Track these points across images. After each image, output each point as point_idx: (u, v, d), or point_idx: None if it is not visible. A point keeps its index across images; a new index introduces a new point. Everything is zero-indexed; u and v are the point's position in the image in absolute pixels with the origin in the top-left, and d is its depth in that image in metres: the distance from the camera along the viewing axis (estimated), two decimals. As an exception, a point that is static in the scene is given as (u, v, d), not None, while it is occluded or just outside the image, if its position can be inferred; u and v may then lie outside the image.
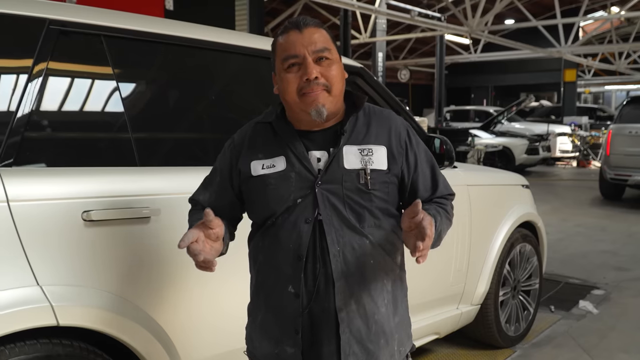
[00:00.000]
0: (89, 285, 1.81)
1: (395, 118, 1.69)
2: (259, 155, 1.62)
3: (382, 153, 1.60)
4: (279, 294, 1.60)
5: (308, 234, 1.55)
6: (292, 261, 1.56)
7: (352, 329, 1.57)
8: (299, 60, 1.54)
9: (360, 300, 1.57)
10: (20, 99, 1.79)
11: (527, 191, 4.08)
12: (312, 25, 1.57)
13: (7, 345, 1.64)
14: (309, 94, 1.54)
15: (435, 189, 1.69)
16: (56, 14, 1.92)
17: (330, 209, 1.55)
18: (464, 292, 3.44)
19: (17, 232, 1.68)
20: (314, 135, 1.61)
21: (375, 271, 1.60)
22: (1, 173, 1.70)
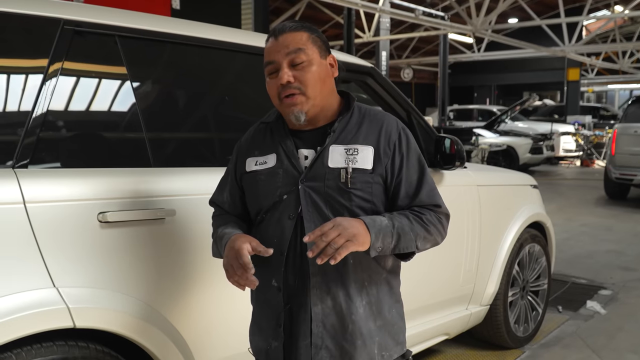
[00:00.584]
0: (105, 287, 1.81)
1: (389, 120, 1.69)
2: (255, 152, 1.71)
3: (368, 153, 1.62)
4: (265, 288, 1.65)
5: (290, 229, 1.61)
6: (275, 256, 1.60)
7: (326, 324, 1.61)
8: (276, 66, 1.60)
9: (336, 298, 1.61)
10: (35, 99, 1.78)
11: (535, 191, 4.07)
12: (288, 30, 1.61)
13: (24, 347, 1.63)
14: (286, 99, 1.60)
15: (416, 197, 1.65)
16: (71, 14, 1.91)
17: (311, 205, 1.59)
18: (474, 293, 3.43)
19: (34, 233, 1.67)
20: (304, 134, 1.67)
21: (355, 271, 1.62)
22: (17, 174, 1.69)
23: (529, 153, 14.11)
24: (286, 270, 1.63)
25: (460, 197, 3.24)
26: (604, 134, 16.77)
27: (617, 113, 22.55)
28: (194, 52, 2.25)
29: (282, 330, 1.64)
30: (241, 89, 2.47)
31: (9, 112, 1.77)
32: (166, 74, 2.21)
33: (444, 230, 1.69)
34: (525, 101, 14.89)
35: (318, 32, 1.68)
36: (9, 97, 1.77)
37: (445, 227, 1.69)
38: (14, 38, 1.82)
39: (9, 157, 1.71)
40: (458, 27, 15.26)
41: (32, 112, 1.77)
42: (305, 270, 1.60)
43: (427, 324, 3.11)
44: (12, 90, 1.78)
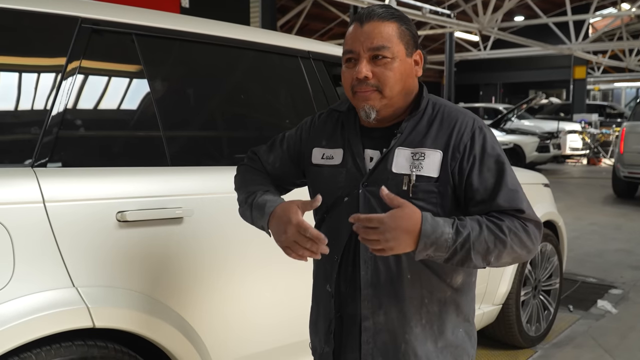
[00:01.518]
0: (123, 286, 1.80)
1: (463, 119, 1.50)
2: (323, 142, 1.61)
3: (436, 158, 1.45)
4: (321, 291, 1.60)
5: (346, 235, 1.50)
6: (330, 260, 1.53)
7: (377, 341, 1.49)
8: (355, 56, 1.46)
9: (389, 314, 1.48)
10: (54, 98, 1.78)
11: (547, 190, 4.05)
12: (376, 18, 1.45)
13: (44, 347, 1.63)
14: (359, 93, 1.46)
15: (492, 202, 1.42)
16: (88, 13, 1.91)
17: (369, 211, 1.43)
18: (486, 292, 3.41)
19: (53, 232, 1.67)
20: (374, 133, 1.54)
21: (413, 286, 1.47)
22: (37, 173, 1.68)
23: (535, 151, 14.07)
24: (338, 277, 1.53)
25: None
26: (611, 132, 16.71)
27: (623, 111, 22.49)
28: (211, 51, 2.24)
29: (332, 337, 1.56)
30: (259, 88, 2.45)
31: (27, 110, 1.77)
32: (183, 72, 2.20)
33: (532, 240, 1.41)
34: (532, 99, 14.86)
35: (409, 22, 1.50)
36: (28, 95, 1.76)
37: (533, 237, 1.42)
38: (32, 36, 1.82)
39: (28, 156, 1.71)
40: (465, 25, 15.21)
41: (50, 110, 1.76)
42: (357, 280, 1.49)
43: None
44: (31, 88, 1.77)
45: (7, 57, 1.78)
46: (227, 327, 2.06)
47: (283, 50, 2.45)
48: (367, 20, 1.45)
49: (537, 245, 1.44)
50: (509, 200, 1.42)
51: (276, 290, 2.20)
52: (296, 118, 2.43)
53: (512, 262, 1.44)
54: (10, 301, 1.57)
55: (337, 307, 1.54)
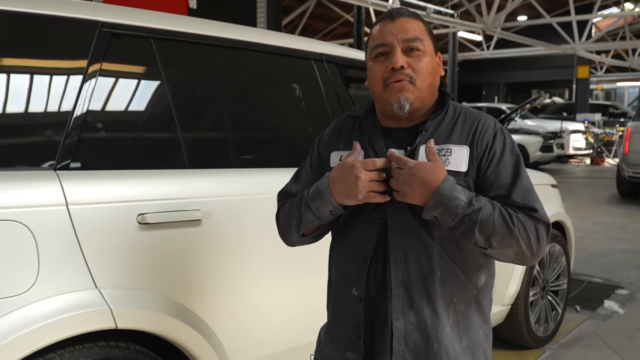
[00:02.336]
0: (143, 288, 1.82)
1: (485, 119, 1.54)
2: (340, 145, 1.59)
3: (463, 154, 1.47)
4: (345, 296, 1.55)
5: (375, 235, 1.48)
6: (357, 262, 1.51)
7: (409, 342, 1.46)
8: (387, 49, 1.47)
9: (421, 314, 1.46)
10: (75, 101, 1.80)
11: (555, 190, 4.06)
12: (406, 15, 1.50)
13: (67, 348, 1.65)
14: (393, 85, 1.46)
15: (507, 198, 1.44)
16: (108, 17, 1.93)
17: (398, 211, 1.46)
18: (495, 293, 3.42)
19: (76, 234, 1.69)
20: (397, 132, 1.54)
21: (443, 284, 1.46)
22: (60, 176, 1.70)
23: (539, 151, 14.08)
24: (368, 279, 1.50)
25: (483, 197, 3.24)
26: (614, 132, 16.72)
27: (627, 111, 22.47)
28: (226, 53, 2.26)
29: (362, 343, 1.50)
30: (273, 90, 2.47)
31: (50, 113, 1.79)
32: (199, 74, 2.22)
33: (539, 242, 1.43)
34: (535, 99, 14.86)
35: (430, 26, 1.58)
36: (50, 98, 1.78)
37: (541, 238, 1.43)
38: (55, 40, 1.84)
39: (51, 159, 1.73)
40: (468, 25, 15.22)
41: (72, 113, 1.79)
42: (387, 281, 1.47)
43: (451, 324, 3.11)
44: (53, 91, 1.79)
45: (31, 61, 1.81)
46: (244, 328, 2.08)
47: (297, 53, 2.47)
48: (398, 16, 1.50)
49: (542, 248, 1.45)
50: (523, 197, 1.45)
51: (294, 290, 2.22)
52: (310, 120, 2.45)
53: (514, 258, 1.44)
54: (36, 303, 1.59)
55: (366, 310, 1.51)
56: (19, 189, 1.62)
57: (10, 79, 1.76)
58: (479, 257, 1.50)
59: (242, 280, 2.04)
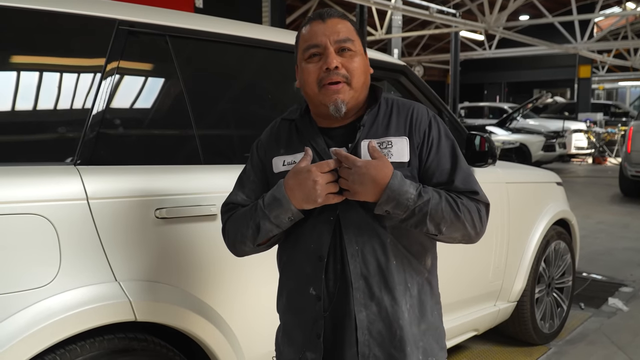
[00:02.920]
0: (161, 281, 1.85)
1: (418, 108, 1.58)
2: (281, 150, 1.59)
3: (403, 144, 1.52)
4: (300, 295, 1.55)
5: (329, 233, 1.50)
6: (313, 261, 1.52)
7: (373, 331, 1.50)
8: (320, 50, 1.49)
9: (381, 303, 1.50)
10: (94, 98, 1.83)
11: (560, 188, 4.09)
12: (336, 16, 1.53)
13: (88, 340, 1.68)
14: (328, 86, 1.48)
15: (449, 184, 1.51)
16: (125, 15, 1.96)
17: (349, 206, 1.48)
18: (502, 289, 3.46)
19: (96, 228, 1.72)
20: (335, 131, 1.56)
21: (399, 273, 1.52)
22: (80, 171, 1.74)
23: (541, 150, 14.11)
24: (326, 277, 1.51)
25: (489, 194, 3.23)
26: (616, 131, 16.74)
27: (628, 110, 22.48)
28: (241, 51, 2.29)
29: (321, 342, 1.52)
30: (287, 88, 2.50)
31: (70, 110, 1.82)
32: (214, 72, 2.25)
33: (481, 222, 1.51)
34: (537, 99, 14.89)
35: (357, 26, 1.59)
36: (70, 95, 1.81)
37: (483, 218, 1.52)
38: (74, 38, 1.87)
39: (71, 154, 1.76)
40: (471, 25, 15.23)
41: (91, 110, 1.82)
42: (346, 275, 1.49)
43: (458, 320, 3.14)
44: (73, 89, 1.82)
45: (51, 58, 1.84)
46: (259, 322, 2.10)
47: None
48: (329, 17, 1.52)
49: (484, 227, 1.53)
50: (465, 182, 1.52)
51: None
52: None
53: (460, 239, 1.52)
54: (58, 295, 1.62)
55: (325, 308, 1.51)
56: (41, 183, 1.66)
57: (30, 76, 1.79)
58: (425, 241, 1.57)
59: (257, 274, 2.06)
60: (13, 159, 1.69)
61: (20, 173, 1.64)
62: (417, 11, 13.26)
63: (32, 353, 1.56)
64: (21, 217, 1.59)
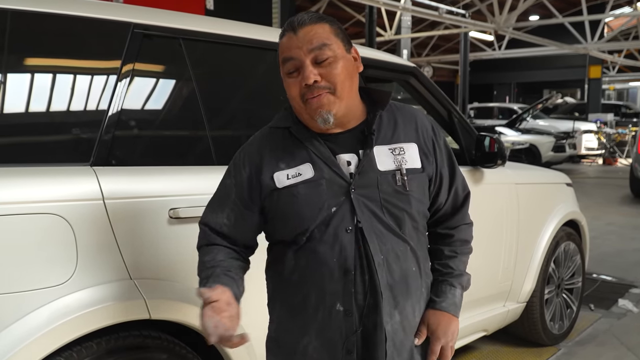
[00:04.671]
0: (176, 280, 1.88)
1: (419, 113, 1.58)
2: (281, 165, 1.48)
3: (414, 151, 1.51)
4: (323, 314, 1.46)
5: (352, 244, 1.43)
6: (338, 276, 1.43)
7: (396, 342, 1.47)
8: (297, 63, 1.42)
9: (403, 311, 1.48)
10: (110, 99, 1.86)
11: (570, 189, 4.09)
12: (308, 23, 1.43)
13: (104, 337, 1.71)
14: (311, 101, 1.42)
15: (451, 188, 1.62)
16: (139, 18, 1.99)
17: (369, 214, 1.43)
18: (511, 290, 3.47)
19: (112, 228, 1.75)
20: (338, 137, 1.49)
21: (417, 279, 1.52)
22: (96, 172, 1.77)
23: (551, 151, 14.06)
24: (355, 290, 1.44)
25: (499, 194, 3.29)
26: (627, 132, 16.65)
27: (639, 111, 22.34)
28: (253, 53, 2.32)
29: (354, 358, 1.45)
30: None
31: (86, 111, 1.86)
32: (227, 74, 2.28)
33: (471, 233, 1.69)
34: (547, 99, 14.84)
35: (338, 23, 1.50)
36: (87, 97, 1.85)
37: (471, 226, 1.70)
38: (90, 41, 1.91)
39: (87, 155, 1.79)
40: (480, 25, 15.22)
41: (107, 111, 1.85)
42: (375, 287, 1.43)
43: (467, 321, 3.15)
44: (89, 91, 1.86)
45: (68, 61, 1.88)
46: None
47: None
48: (300, 26, 1.43)
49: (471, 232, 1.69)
50: (463, 187, 1.66)
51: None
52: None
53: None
54: (75, 293, 1.66)
55: (357, 322, 1.45)
56: (58, 183, 1.70)
57: (48, 78, 1.83)
58: (425, 242, 1.61)
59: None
60: (31, 159, 1.73)
61: (38, 174, 1.68)
62: (427, 12, 13.25)
63: (49, 350, 1.60)
64: (39, 216, 1.63)
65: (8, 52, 1.74)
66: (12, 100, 1.74)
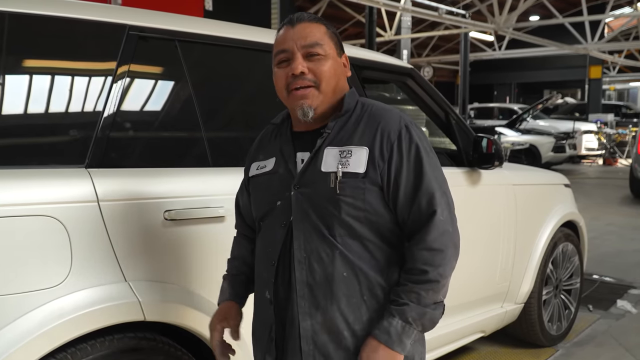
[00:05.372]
0: (170, 281, 1.89)
1: (390, 117, 1.50)
2: (260, 156, 1.62)
3: (362, 155, 1.45)
4: (260, 299, 1.59)
5: (281, 238, 1.50)
6: (267, 266, 1.54)
7: (317, 342, 1.46)
8: (288, 55, 1.48)
9: (326, 314, 1.46)
10: (105, 101, 1.87)
11: (568, 190, 4.09)
12: (306, 20, 1.50)
13: (98, 339, 1.71)
14: (295, 92, 1.48)
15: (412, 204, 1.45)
16: (135, 20, 1.99)
17: (302, 213, 1.47)
18: (509, 291, 3.47)
19: (107, 230, 1.75)
20: (305, 136, 1.54)
21: (350, 285, 1.45)
22: (91, 173, 1.77)
23: (551, 152, 14.06)
24: (276, 282, 1.51)
25: (496, 195, 3.29)
26: (627, 132, 16.65)
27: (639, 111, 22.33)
28: (248, 55, 2.33)
29: (274, 346, 1.53)
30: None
31: (81, 113, 1.86)
32: (222, 76, 2.28)
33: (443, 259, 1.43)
34: (547, 99, 14.83)
35: (333, 28, 1.57)
36: (82, 99, 1.85)
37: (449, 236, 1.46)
38: (85, 43, 1.91)
39: (82, 157, 1.80)
40: (480, 25, 15.21)
41: (102, 113, 1.85)
42: (292, 283, 1.48)
43: (464, 322, 3.16)
44: (84, 92, 1.86)
45: (63, 62, 1.88)
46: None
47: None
48: (298, 21, 1.50)
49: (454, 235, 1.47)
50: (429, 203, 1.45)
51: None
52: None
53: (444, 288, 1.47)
54: (69, 295, 1.66)
55: (276, 312, 1.53)
56: (53, 185, 1.70)
57: (43, 80, 1.83)
58: (391, 255, 1.49)
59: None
60: (26, 161, 1.73)
61: (32, 176, 1.68)
62: (426, 12, 13.25)
63: (44, 351, 1.60)
64: (34, 218, 1.63)
65: (4, 54, 1.74)
66: (8, 102, 1.74)
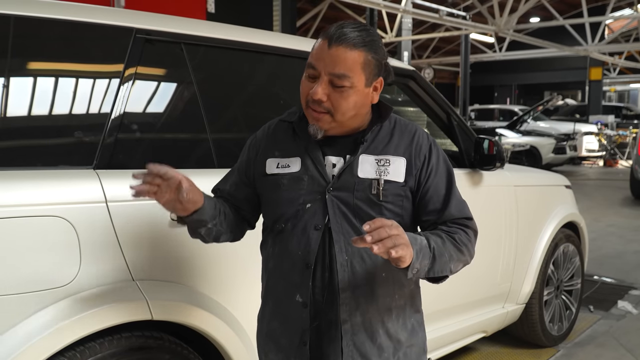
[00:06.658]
0: (176, 281, 1.91)
1: (420, 132, 1.61)
2: (276, 153, 1.61)
3: (401, 164, 1.54)
4: (287, 302, 1.57)
5: (317, 241, 1.52)
6: (300, 269, 1.53)
7: (356, 342, 1.52)
8: (316, 73, 1.48)
9: (366, 314, 1.52)
10: (113, 103, 1.89)
11: (569, 191, 4.12)
12: (344, 44, 1.44)
13: (107, 337, 1.74)
14: (311, 111, 1.51)
15: (444, 210, 1.56)
16: (142, 24, 2.02)
17: (340, 216, 1.51)
18: (510, 291, 3.49)
19: (115, 230, 1.78)
20: (333, 140, 1.57)
21: (387, 284, 1.54)
22: (99, 175, 1.80)
23: (552, 153, 14.07)
24: (313, 285, 1.53)
25: (498, 197, 3.31)
26: (628, 133, 16.66)
27: (640, 113, 22.35)
28: (253, 58, 2.35)
29: (307, 349, 1.54)
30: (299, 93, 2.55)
31: (89, 115, 1.88)
32: (228, 78, 2.31)
33: (474, 249, 1.59)
34: (548, 101, 14.84)
35: (377, 49, 1.50)
36: (90, 101, 1.88)
37: (474, 245, 1.59)
38: (94, 46, 1.94)
39: (90, 158, 1.82)
40: (481, 27, 15.24)
41: (110, 115, 1.88)
42: (334, 285, 1.52)
43: (466, 322, 3.18)
44: (92, 95, 1.89)
45: (72, 65, 1.91)
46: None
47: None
48: (337, 43, 1.45)
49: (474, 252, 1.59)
50: (459, 209, 1.59)
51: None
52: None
53: (461, 269, 1.57)
54: (79, 294, 1.69)
55: (312, 316, 1.54)
56: (62, 186, 1.72)
57: (52, 83, 1.86)
58: None
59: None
60: (35, 163, 1.75)
61: (41, 177, 1.71)
62: (427, 14, 13.28)
63: (53, 350, 1.62)
64: (43, 219, 1.66)
65: (13, 57, 1.77)
66: (17, 104, 1.76)
